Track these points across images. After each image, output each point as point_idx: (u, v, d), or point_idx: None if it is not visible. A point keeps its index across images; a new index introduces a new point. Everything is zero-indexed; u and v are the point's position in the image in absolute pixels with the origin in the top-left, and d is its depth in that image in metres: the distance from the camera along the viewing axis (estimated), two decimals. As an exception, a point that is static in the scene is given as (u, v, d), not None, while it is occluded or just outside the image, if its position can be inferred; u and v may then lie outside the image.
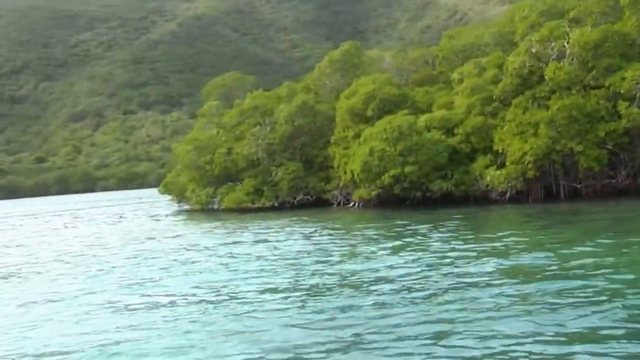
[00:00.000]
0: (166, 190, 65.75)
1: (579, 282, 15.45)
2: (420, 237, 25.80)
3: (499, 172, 39.22)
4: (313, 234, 30.66)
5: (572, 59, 38.73)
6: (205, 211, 57.06)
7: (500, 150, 39.74)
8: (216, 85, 69.33)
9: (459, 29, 53.92)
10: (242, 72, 76.18)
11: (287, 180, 52.30)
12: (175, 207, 65.39)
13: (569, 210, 34.14)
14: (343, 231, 31.71)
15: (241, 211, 52.81)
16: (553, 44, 39.67)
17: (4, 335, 14.86)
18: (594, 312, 12.65)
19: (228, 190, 56.11)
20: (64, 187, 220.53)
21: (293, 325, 13.41)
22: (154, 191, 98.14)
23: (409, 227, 30.03)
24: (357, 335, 12.43)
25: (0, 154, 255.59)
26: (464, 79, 43.54)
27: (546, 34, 40.05)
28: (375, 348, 11.58)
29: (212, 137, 59.00)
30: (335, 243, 26.64)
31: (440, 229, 27.98)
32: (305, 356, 11.41)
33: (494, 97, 41.57)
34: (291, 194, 52.84)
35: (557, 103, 37.34)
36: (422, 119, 43.27)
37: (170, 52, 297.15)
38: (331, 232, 31.31)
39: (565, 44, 39.23)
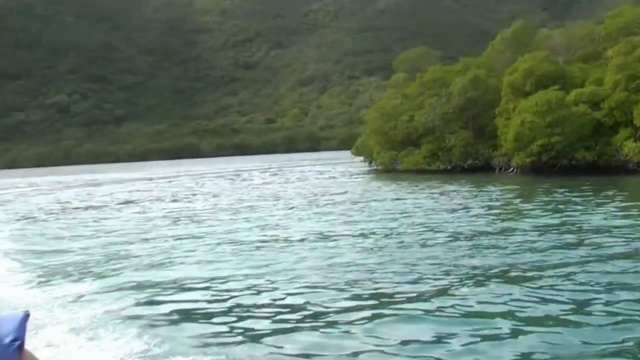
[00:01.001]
0: (358, 152, 74.03)
1: None
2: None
3: (635, 144, 42.83)
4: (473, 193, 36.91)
5: None
6: (387, 172, 64.37)
7: (639, 125, 43.24)
8: (405, 59, 76.00)
9: (625, 7, 55.96)
10: (461, 43, 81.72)
11: (459, 147, 58.33)
12: (365, 167, 73.39)
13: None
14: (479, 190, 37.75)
15: (418, 172, 59.56)
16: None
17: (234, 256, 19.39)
18: None
19: (408, 154, 63.02)
20: (290, 146, 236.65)
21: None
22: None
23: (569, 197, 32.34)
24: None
25: (235, 114, 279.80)
26: (614, 57, 46.92)
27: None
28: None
29: (396, 106, 66.03)
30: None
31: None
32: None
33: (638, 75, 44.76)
34: (462, 158, 58.73)
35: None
36: (573, 94, 47.38)
37: (394, 22, 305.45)
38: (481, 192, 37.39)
39: None
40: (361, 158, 76.17)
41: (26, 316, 3.12)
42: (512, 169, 52.79)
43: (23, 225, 32.08)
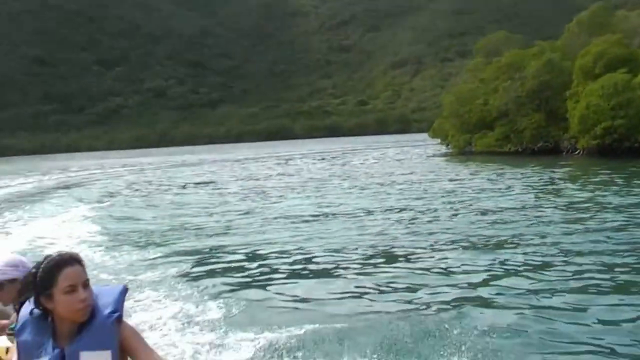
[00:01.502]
0: (435, 135, 75.63)
1: None
2: None
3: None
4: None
5: None
6: (461, 154, 65.74)
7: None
8: (484, 44, 76.82)
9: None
10: (558, 23, 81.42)
11: (529, 129, 59.21)
12: (442, 149, 74.87)
13: None
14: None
15: (490, 154, 60.79)
16: None
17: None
18: None
19: (481, 136, 64.24)
20: (381, 128, 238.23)
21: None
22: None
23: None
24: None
25: (328, 97, 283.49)
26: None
27: None
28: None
29: (472, 89, 67.21)
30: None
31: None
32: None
33: None
34: (533, 141, 59.60)
35: None
36: (640, 78, 47.78)
37: (489, 3, 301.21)
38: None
39: None
40: (438, 140, 77.71)
41: (125, 290, 3.44)
42: (578, 151, 53.48)
43: (110, 201, 34.48)
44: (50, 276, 3.29)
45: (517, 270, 12.91)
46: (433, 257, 14.64)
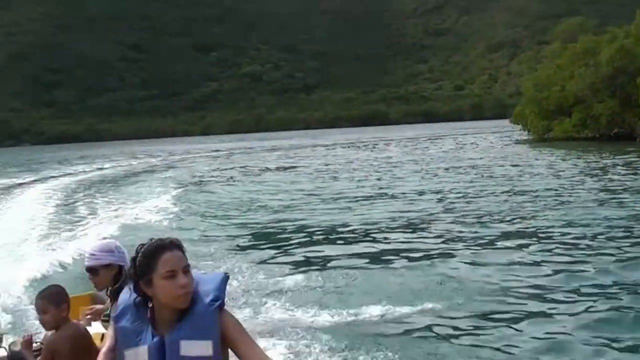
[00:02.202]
0: (516, 121, 76.74)
1: None
2: None
3: None
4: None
5: None
6: (540, 140, 66.76)
7: None
8: (562, 30, 77.30)
9: None
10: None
11: (605, 116, 59.91)
12: (523, 136, 75.77)
13: None
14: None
15: (567, 140, 61.71)
16: None
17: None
18: None
19: (559, 122, 65.16)
20: (477, 113, 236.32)
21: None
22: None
23: None
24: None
25: (424, 82, 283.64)
26: None
27: None
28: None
29: (550, 75, 68.09)
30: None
31: None
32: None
33: None
34: (608, 127, 60.34)
35: None
36: None
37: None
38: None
39: None
40: (519, 127, 78.70)
41: (226, 277, 3.44)
42: (649, 137, 54.10)
43: (201, 185, 36.63)
44: (149, 261, 3.27)
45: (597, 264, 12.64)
46: (509, 247, 14.70)
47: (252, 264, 13.97)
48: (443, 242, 15.71)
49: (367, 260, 14.05)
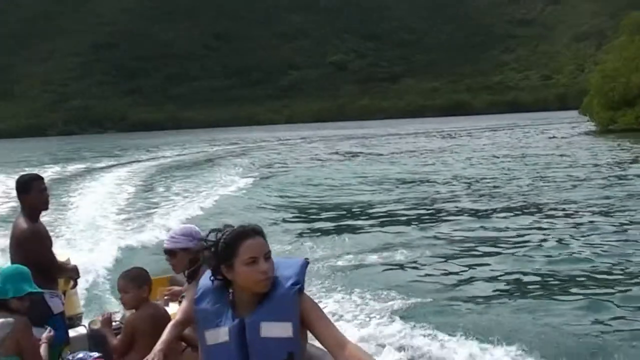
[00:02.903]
0: (583, 112, 79.09)
1: None
2: None
3: None
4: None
5: None
6: (604, 131, 68.55)
7: None
8: (628, 22, 78.57)
9: None
10: None
11: (665, 107, 62.20)
12: (591, 127, 77.62)
13: None
14: None
15: (631, 131, 63.51)
16: None
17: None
18: None
19: (623, 114, 67.50)
20: (563, 103, 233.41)
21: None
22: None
23: None
24: None
25: (511, 72, 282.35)
26: None
27: None
28: None
29: (616, 68, 70.32)
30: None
31: None
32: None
33: None
34: (671, 118, 62.52)
35: None
36: None
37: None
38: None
39: None
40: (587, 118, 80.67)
41: (306, 263, 3.51)
42: None
43: (280, 172, 37.96)
44: (231, 247, 3.35)
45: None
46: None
47: (329, 248, 14.45)
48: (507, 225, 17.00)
49: (437, 245, 14.81)
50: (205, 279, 3.57)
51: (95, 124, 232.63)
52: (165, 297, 6.03)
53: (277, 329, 3.31)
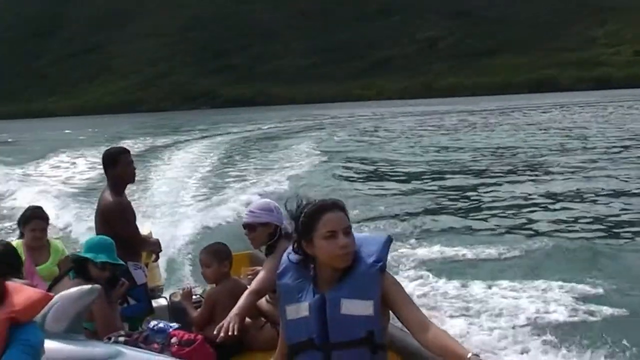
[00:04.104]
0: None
1: None
2: None
3: None
4: None
5: None
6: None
7: None
8: None
9: None
10: None
11: None
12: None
13: None
14: None
15: None
16: None
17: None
18: None
19: None
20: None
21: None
22: None
23: None
24: None
25: (600, 47, 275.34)
26: None
27: None
28: None
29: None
30: None
31: None
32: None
33: None
34: None
35: None
36: None
37: None
38: None
39: None
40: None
41: (389, 240, 3.53)
42: None
43: (359, 147, 38.55)
44: (311, 221, 3.41)
45: None
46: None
47: (412, 227, 14.13)
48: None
49: (534, 229, 14.22)
50: (288, 254, 3.64)
51: (188, 100, 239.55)
52: (249, 277, 5.80)
53: (357, 307, 3.31)
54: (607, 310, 8.58)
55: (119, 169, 6.43)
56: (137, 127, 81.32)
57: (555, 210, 16.86)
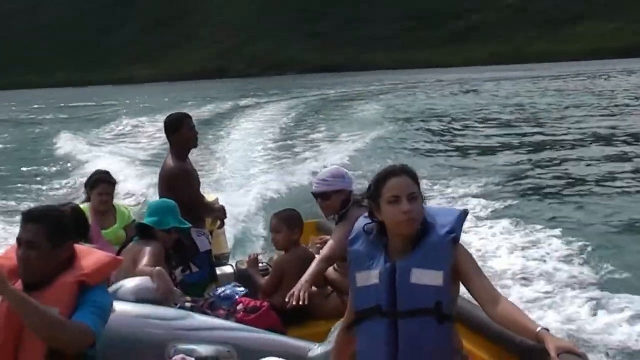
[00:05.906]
0: None
1: None
2: None
3: None
4: None
5: None
6: None
7: None
8: None
9: None
10: None
11: None
12: None
13: None
14: None
15: None
16: None
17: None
18: None
19: None
20: None
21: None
22: None
23: None
24: None
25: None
26: None
27: None
28: None
29: None
30: None
31: None
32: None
33: None
34: None
35: None
36: None
37: None
38: None
39: None
40: None
41: (465, 213, 3.48)
42: None
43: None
44: (378, 186, 3.39)
45: None
46: None
47: (491, 202, 13.17)
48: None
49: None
50: (361, 221, 3.60)
51: (276, 66, 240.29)
52: (317, 245, 5.78)
53: (427, 277, 3.28)
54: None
55: (181, 134, 6.35)
56: (222, 91, 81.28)
57: None
